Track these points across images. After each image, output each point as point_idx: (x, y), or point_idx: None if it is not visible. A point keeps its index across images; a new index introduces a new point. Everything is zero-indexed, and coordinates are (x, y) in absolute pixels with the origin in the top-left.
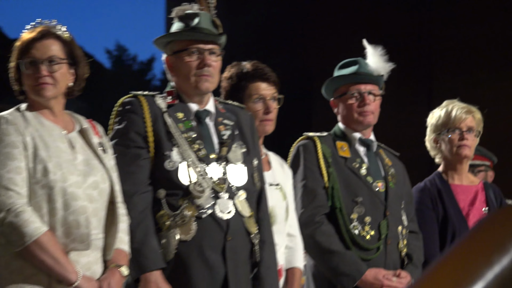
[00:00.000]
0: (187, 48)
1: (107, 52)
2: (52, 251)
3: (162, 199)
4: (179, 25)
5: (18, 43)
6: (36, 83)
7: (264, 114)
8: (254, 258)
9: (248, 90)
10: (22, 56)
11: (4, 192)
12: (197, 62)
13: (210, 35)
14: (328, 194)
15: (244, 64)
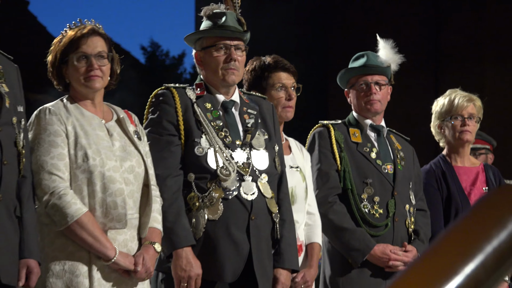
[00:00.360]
0: (215, 44)
1: (142, 48)
2: (92, 230)
3: (192, 182)
4: (207, 23)
5: (65, 39)
6: (88, 75)
7: (287, 101)
8: (275, 236)
9: (271, 80)
10: (72, 51)
11: (48, 177)
12: (224, 56)
13: (236, 32)
14: (340, 176)
15: (265, 58)
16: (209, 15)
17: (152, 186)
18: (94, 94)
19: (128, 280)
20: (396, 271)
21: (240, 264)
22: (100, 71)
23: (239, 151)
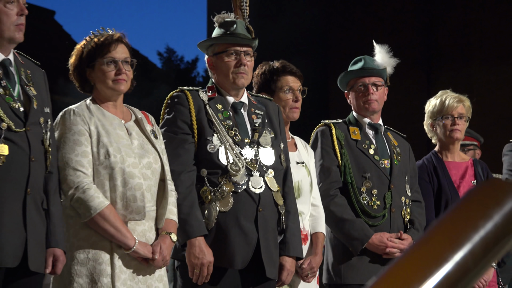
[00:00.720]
0: (226, 50)
1: (158, 54)
2: (113, 221)
3: (204, 177)
4: (219, 31)
5: (92, 44)
6: (116, 79)
7: (293, 102)
8: (281, 226)
9: (279, 83)
10: (100, 55)
11: (73, 173)
12: (234, 61)
13: (245, 39)
14: (341, 171)
15: (273, 63)
16: (221, 23)
17: (168, 181)
18: (118, 96)
19: (146, 268)
20: (392, 257)
21: (249, 252)
22: (126, 75)
23: (247, 148)
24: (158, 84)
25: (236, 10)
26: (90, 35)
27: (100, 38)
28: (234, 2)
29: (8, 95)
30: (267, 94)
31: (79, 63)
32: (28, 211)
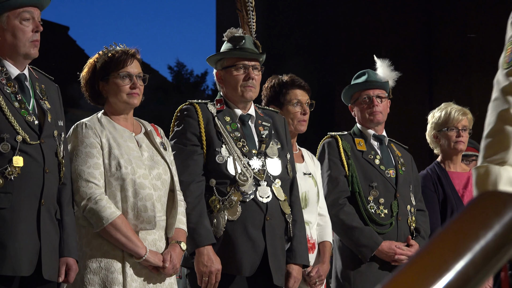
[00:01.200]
0: (235, 64)
1: (169, 68)
2: (125, 231)
3: (213, 187)
4: (228, 45)
5: (106, 59)
6: (130, 92)
7: (302, 115)
8: (288, 234)
9: (288, 96)
10: (115, 69)
11: (85, 184)
12: (243, 75)
13: (253, 54)
14: (349, 181)
15: (282, 76)
16: (230, 38)
17: (177, 191)
18: (130, 109)
19: (157, 276)
20: (401, 264)
21: (257, 260)
22: (139, 90)
23: (255, 159)
24: (168, 97)
25: (244, 25)
26: (103, 49)
27: (114, 53)
28: (241, 18)
29: (23, 109)
30: (275, 107)
31: (92, 76)
32: (42, 221)
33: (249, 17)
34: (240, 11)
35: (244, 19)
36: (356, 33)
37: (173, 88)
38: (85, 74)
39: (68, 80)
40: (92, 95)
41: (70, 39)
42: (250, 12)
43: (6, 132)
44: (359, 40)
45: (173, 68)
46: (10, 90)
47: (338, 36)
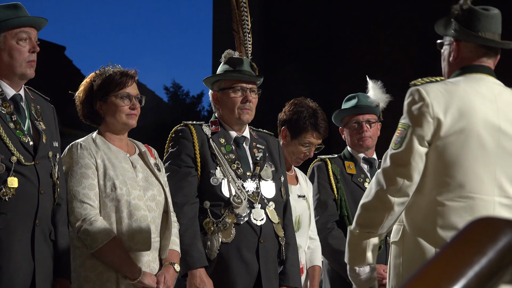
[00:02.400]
0: (233, 86)
1: (165, 88)
2: (119, 252)
3: (207, 209)
4: (225, 67)
5: (105, 79)
6: (130, 113)
7: (305, 156)
8: (281, 257)
9: (304, 135)
10: (115, 90)
11: (80, 205)
12: (241, 98)
13: (252, 77)
14: (337, 204)
15: (309, 103)
16: (228, 60)
17: (171, 213)
18: (127, 130)
19: None
20: None
21: (250, 283)
22: (137, 110)
23: (249, 181)
24: (164, 118)
25: (240, 47)
26: (100, 69)
27: (112, 73)
28: (237, 40)
29: (18, 130)
30: (287, 131)
31: (89, 95)
32: (36, 242)
33: (245, 39)
34: (237, 32)
35: (240, 40)
36: (352, 55)
37: (169, 108)
38: (81, 93)
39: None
40: (89, 115)
41: (66, 59)
42: (246, 33)
43: (1, 153)
44: (356, 62)
45: (169, 89)
46: (5, 110)
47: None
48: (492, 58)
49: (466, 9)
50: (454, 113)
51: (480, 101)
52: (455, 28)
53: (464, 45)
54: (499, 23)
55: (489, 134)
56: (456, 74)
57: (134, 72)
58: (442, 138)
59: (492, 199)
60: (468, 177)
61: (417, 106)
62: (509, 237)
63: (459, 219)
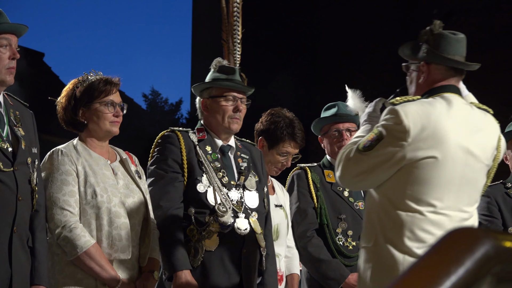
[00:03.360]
0: (225, 95)
1: (143, 96)
2: (99, 259)
3: (192, 216)
4: (217, 75)
5: (89, 86)
6: (113, 121)
7: (282, 166)
8: (260, 267)
9: (281, 145)
10: (99, 97)
11: (60, 212)
12: (232, 107)
13: (245, 87)
14: (317, 213)
15: (285, 113)
16: (221, 68)
17: (151, 220)
18: (110, 137)
19: None
20: None
21: None
22: (120, 118)
23: (234, 190)
24: (142, 125)
25: (228, 56)
26: (82, 76)
27: (95, 80)
28: (226, 49)
29: None
30: (264, 141)
31: (73, 101)
32: (14, 249)
33: (235, 49)
34: (226, 42)
35: (229, 50)
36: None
37: (148, 116)
38: (63, 100)
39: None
40: (71, 121)
41: (45, 65)
42: (236, 43)
43: None
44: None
45: (147, 96)
46: None
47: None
48: (458, 79)
49: (436, 33)
50: (430, 136)
51: (452, 124)
52: (426, 51)
53: (435, 67)
54: (465, 46)
55: (459, 155)
56: (426, 95)
57: (118, 80)
58: (415, 158)
59: (456, 214)
60: (437, 194)
61: (394, 127)
62: (486, 247)
63: (425, 231)
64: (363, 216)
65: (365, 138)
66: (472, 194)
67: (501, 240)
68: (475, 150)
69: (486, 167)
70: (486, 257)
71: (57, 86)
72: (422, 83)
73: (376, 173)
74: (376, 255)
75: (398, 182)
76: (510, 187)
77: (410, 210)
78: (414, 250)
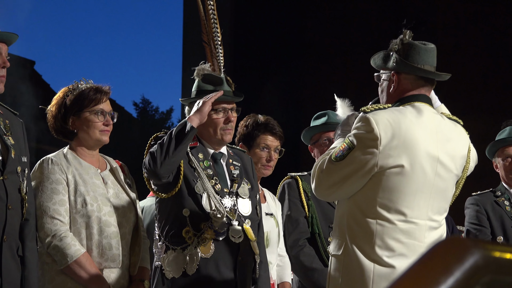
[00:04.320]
0: (215, 108)
1: (134, 104)
2: (89, 269)
3: (187, 217)
4: (205, 86)
5: (79, 94)
6: (103, 129)
7: (266, 161)
8: (255, 275)
9: (258, 139)
10: (89, 106)
11: (50, 221)
12: (223, 119)
13: (235, 98)
14: (309, 222)
15: (259, 116)
16: (207, 78)
17: (141, 228)
18: (100, 146)
19: None
20: None
21: None
22: (111, 127)
23: (227, 198)
24: (133, 134)
25: (211, 59)
26: (72, 84)
27: (86, 89)
28: (208, 52)
29: None
30: (244, 146)
31: (63, 110)
32: (3, 258)
33: (217, 51)
34: (208, 44)
35: (212, 53)
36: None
37: (138, 124)
38: (54, 108)
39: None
40: (61, 130)
41: (36, 73)
42: (218, 46)
43: None
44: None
45: (138, 105)
46: None
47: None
48: (429, 89)
49: (406, 43)
50: (400, 144)
51: (423, 133)
52: (395, 61)
53: (404, 77)
54: (435, 56)
55: (428, 164)
56: (396, 104)
57: (108, 88)
58: (386, 166)
59: (425, 223)
60: (407, 203)
61: (365, 135)
62: (475, 258)
63: (395, 240)
64: (333, 224)
65: (337, 148)
66: (441, 203)
67: (490, 250)
68: (444, 159)
69: (455, 177)
70: (475, 267)
71: (48, 94)
72: (392, 93)
73: (349, 183)
74: (346, 263)
75: (368, 190)
76: (500, 195)
77: (380, 218)
78: (384, 259)
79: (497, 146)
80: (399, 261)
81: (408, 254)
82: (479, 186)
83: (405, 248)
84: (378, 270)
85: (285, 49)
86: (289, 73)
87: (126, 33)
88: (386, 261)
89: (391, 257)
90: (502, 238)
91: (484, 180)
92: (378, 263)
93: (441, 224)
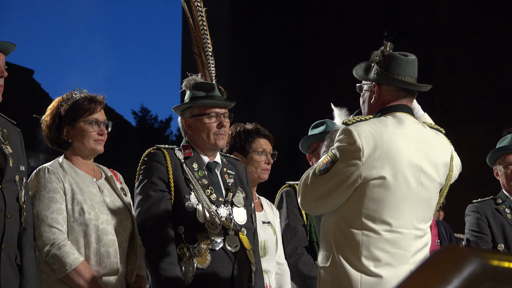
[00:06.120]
0: (207, 113)
1: (133, 113)
2: (87, 277)
3: (182, 234)
4: (196, 93)
5: (74, 104)
6: (98, 139)
7: (265, 164)
8: (250, 283)
9: (253, 145)
10: (84, 115)
11: (48, 229)
12: (215, 124)
13: (226, 102)
14: (307, 230)
15: (247, 125)
16: (199, 86)
17: (138, 236)
18: (94, 155)
19: None
20: None
21: None
22: (105, 136)
23: (222, 207)
24: (132, 142)
25: (202, 70)
26: (67, 94)
27: (80, 98)
28: (199, 63)
29: None
30: (239, 154)
31: (57, 120)
32: (2, 267)
33: (208, 62)
34: (199, 56)
35: (203, 64)
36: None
37: (137, 133)
38: (48, 118)
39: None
40: (56, 139)
41: (35, 82)
42: (209, 57)
43: None
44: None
45: (137, 113)
46: None
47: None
48: (410, 99)
49: (387, 54)
50: (383, 155)
51: (405, 143)
52: (376, 72)
53: (385, 88)
54: (416, 67)
55: (412, 174)
56: (378, 114)
57: (102, 98)
58: (370, 177)
59: (410, 232)
60: (392, 213)
61: (348, 147)
62: (474, 266)
63: (381, 250)
64: (320, 236)
65: (320, 161)
66: (425, 212)
67: (488, 258)
68: (427, 168)
69: (439, 185)
70: (473, 276)
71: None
72: (373, 104)
73: (334, 195)
74: (334, 275)
75: (353, 202)
76: (500, 203)
77: (365, 228)
78: (371, 269)
79: (498, 154)
80: (386, 270)
81: (395, 264)
82: (479, 193)
83: (391, 257)
84: (365, 280)
85: (283, 56)
86: (287, 80)
87: (125, 43)
88: (373, 271)
89: (377, 267)
90: (503, 246)
91: (484, 187)
92: (365, 273)
93: (426, 233)
